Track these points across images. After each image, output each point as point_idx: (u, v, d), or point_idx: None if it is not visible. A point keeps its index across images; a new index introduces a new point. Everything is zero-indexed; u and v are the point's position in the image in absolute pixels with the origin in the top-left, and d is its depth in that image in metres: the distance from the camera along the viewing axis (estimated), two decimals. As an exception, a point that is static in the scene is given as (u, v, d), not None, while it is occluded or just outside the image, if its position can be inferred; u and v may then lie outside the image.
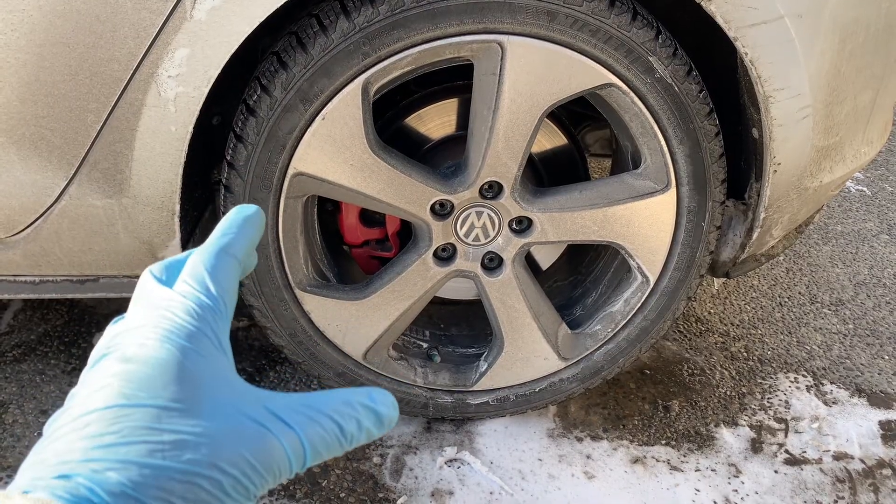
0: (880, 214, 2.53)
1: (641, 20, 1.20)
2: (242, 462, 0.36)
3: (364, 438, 0.40)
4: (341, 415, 0.39)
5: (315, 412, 0.39)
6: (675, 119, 1.27)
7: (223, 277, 0.41)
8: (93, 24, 1.07)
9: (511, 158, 1.28)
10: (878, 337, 1.94)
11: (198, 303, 0.39)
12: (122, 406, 0.36)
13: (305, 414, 0.38)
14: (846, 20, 1.23)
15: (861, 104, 1.35)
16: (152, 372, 0.37)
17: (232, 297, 0.41)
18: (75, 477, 0.34)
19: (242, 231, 0.44)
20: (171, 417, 0.36)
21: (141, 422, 0.36)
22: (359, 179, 1.25)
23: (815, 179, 1.38)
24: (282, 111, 1.18)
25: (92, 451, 0.35)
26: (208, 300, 0.39)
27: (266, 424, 0.37)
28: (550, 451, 1.54)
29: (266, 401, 0.38)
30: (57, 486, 0.34)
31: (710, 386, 1.75)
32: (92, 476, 0.34)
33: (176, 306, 0.39)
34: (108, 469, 0.34)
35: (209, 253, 0.41)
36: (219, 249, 0.42)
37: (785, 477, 1.52)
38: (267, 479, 0.37)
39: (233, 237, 0.43)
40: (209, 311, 0.39)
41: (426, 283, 1.38)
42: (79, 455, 0.35)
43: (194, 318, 0.38)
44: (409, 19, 1.13)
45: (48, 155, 1.17)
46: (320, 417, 0.39)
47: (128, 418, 0.36)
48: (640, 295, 1.47)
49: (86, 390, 0.37)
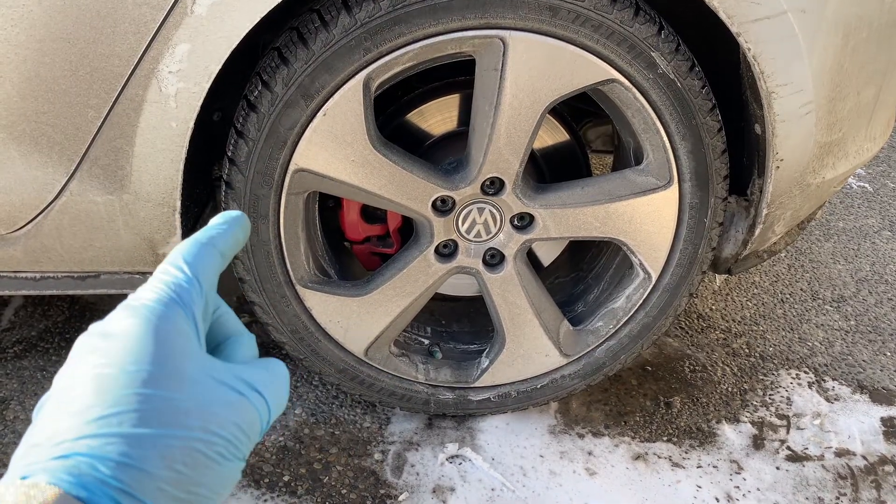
0: (882, 211, 2.52)
1: (644, 15, 1.19)
2: (231, 425, 0.38)
3: (287, 398, 0.45)
4: (284, 379, 0.45)
5: (272, 378, 0.43)
6: (677, 115, 1.27)
7: (200, 263, 0.43)
8: (93, 20, 1.07)
9: (513, 154, 1.27)
10: (880, 333, 1.94)
11: (172, 284, 0.41)
12: (101, 376, 0.36)
13: (267, 381, 0.43)
14: (849, 16, 1.22)
15: (864, 100, 1.35)
16: (130, 344, 0.37)
17: (209, 280, 0.43)
18: (73, 456, 0.33)
19: (227, 228, 0.46)
20: (156, 385, 0.36)
21: (126, 389, 0.36)
22: (360, 176, 1.25)
23: (818, 175, 1.38)
24: (283, 107, 1.17)
25: (84, 427, 0.34)
26: (184, 282, 0.41)
27: (243, 392, 0.40)
28: (552, 448, 1.54)
29: (238, 371, 0.41)
30: (56, 467, 0.33)
31: (712, 382, 1.75)
32: (90, 452, 0.33)
33: (151, 287, 0.41)
34: (105, 443, 0.34)
35: (189, 242, 0.44)
36: (198, 239, 0.44)
37: (787, 473, 1.52)
38: (250, 441, 0.40)
39: (216, 232, 0.45)
40: (184, 291, 0.41)
41: (428, 279, 1.38)
42: (72, 433, 0.34)
43: (169, 297, 0.40)
44: (410, 14, 1.13)
45: (49, 151, 1.16)
46: (276, 382, 0.43)
47: (112, 388, 0.35)
48: (642, 291, 1.46)
49: (67, 369, 0.37)
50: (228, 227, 0.46)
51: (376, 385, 1.49)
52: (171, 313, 0.39)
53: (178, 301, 0.40)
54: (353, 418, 1.58)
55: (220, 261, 0.44)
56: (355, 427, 1.56)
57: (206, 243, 0.44)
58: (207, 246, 0.44)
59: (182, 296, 0.40)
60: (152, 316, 0.39)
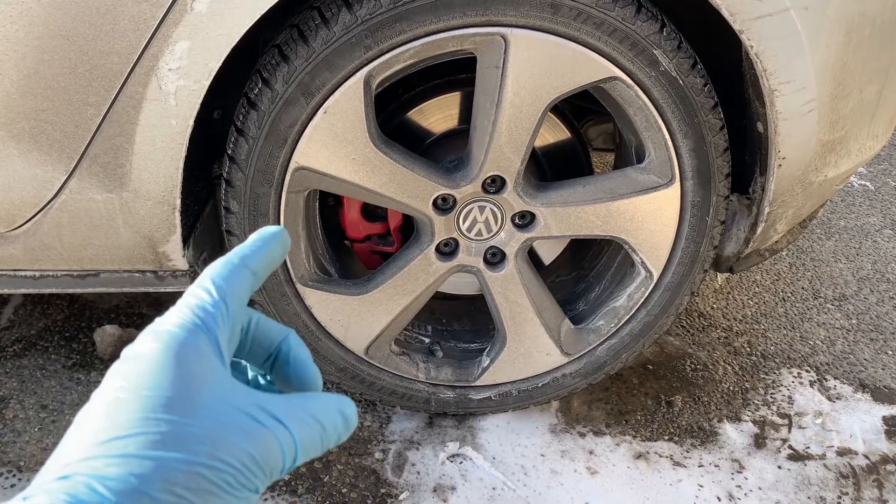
0: (883, 210, 2.52)
1: (646, 13, 1.19)
2: (243, 454, 0.37)
3: (335, 441, 0.43)
4: (324, 417, 0.42)
5: (304, 413, 0.41)
6: (679, 113, 1.26)
7: (229, 284, 0.42)
8: (92, 17, 1.07)
9: (514, 152, 1.27)
10: (882, 332, 1.93)
11: (197, 307, 0.40)
12: (117, 400, 0.36)
13: (297, 415, 0.40)
14: (852, 13, 1.21)
15: (866, 98, 1.34)
16: (149, 369, 0.37)
17: (237, 300, 0.42)
18: (74, 476, 0.33)
19: (262, 245, 0.45)
20: (169, 410, 0.36)
21: (138, 413, 0.35)
22: (361, 174, 1.24)
23: (820, 174, 1.37)
24: (283, 105, 1.17)
25: (91, 449, 0.34)
26: (210, 306, 0.41)
27: (263, 421, 0.39)
28: (553, 447, 1.54)
29: (260, 400, 0.40)
30: (56, 488, 0.33)
31: (713, 381, 1.74)
32: (91, 473, 0.34)
33: (177, 310, 0.40)
34: (108, 465, 0.34)
35: (220, 263, 0.43)
36: (231, 260, 0.43)
37: (788, 472, 1.52)
38: (265, 474, 0.38)
39: (249, 251, 0.44)
40: (209, 315, 0.40)
41: (428, 277, 1.38)
42: (78, 454, 0.34)
43: (192, 322, 0.40)
44: (411, 12, 1.12)
45: (48, 149, 1.16)
46: (308, 418, 0.41)
47: (124, 412, 0.35)
48: (644, 290, 1.46)
49: (94, 394, 0.38)
50: (263, 245, 0.45)
51: (377, 384, 1.48)
52: (194, 339, 0.39)
53: (201, 326, 0.40)
54: (353, 417, 1.58)
55: (251, 280, 0.44)
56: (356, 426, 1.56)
57: (238, 264, 0.43)
58: (239, 266, 0.43)
59: (206, 320, 0.40)
60: (173, 342, 0.38)
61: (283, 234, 0.46)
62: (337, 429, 0.42)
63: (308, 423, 0.41)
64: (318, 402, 0.42)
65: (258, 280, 0.44)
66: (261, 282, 0.44)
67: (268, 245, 0.45)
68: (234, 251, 0.44)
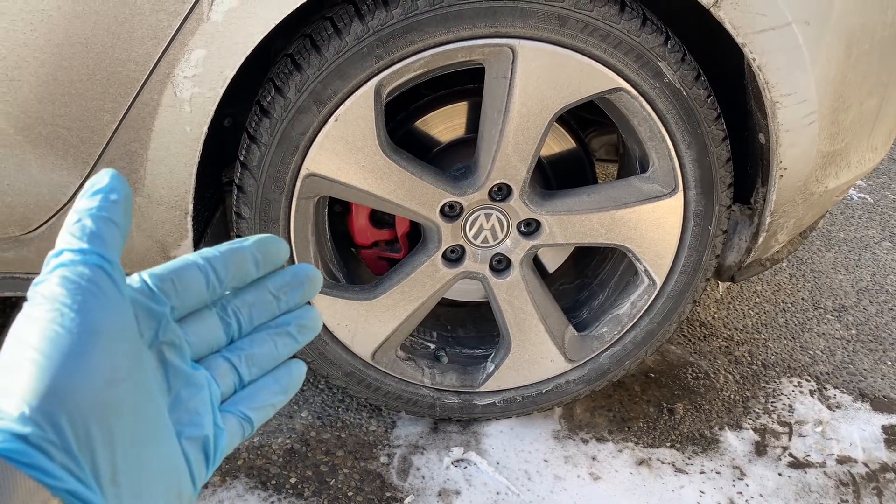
0: (882, 222, 2.54)
1: (651, 25, 1.21)
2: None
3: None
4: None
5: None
6: (683, 123, 1.29)
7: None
8: (111, 25, 1.09)
9: (520, 161, 1.29)
10: (881, 343, 1.95)
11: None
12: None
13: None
14: (852, 27, 1.24)
15: (866, 111, 1.37)
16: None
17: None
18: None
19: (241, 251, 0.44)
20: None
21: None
22: (370, 181, 1.26)
23: (821, 185, 1.40)
24: (295, 112, 1.19)
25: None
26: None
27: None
28: (556, 453, 1.55)
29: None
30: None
31: (715, 389, 1.76)
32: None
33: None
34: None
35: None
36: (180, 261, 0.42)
37: (789, 480, 1.53)
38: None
39: (216, 252, 0.43)
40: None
41: (435, 284, 1.40)
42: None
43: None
44: (422, 23, 1.15)
45: (64, 154, 1.18)
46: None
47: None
48: (647, 298, 1.48)
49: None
50: (232, 253, 0.44)
51: (382, 389, 1.50)
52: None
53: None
54: (359, 422, 1.59)
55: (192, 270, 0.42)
56: (361, 430, 1.57)
57: (189, 259, 0.42)
58: (188, 262, 0.42)
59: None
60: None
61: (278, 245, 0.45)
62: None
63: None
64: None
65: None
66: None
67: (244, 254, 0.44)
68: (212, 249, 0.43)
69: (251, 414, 0.44)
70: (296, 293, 0.46)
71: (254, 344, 0.45)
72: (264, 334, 0.46)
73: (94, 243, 0.37)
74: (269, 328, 0.46)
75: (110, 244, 0.38)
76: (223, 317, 0.44)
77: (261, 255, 0.44)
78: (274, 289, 0.45)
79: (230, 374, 0.44)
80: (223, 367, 0.44)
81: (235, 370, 0.44)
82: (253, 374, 0.45)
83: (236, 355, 0.44)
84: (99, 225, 0.38)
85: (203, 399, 0.41)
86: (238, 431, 0.44)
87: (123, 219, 0.39)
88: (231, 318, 0.44)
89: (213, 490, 1.42)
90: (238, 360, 0.44)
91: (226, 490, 1.42)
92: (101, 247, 0.37)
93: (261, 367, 0.45)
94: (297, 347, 0.47)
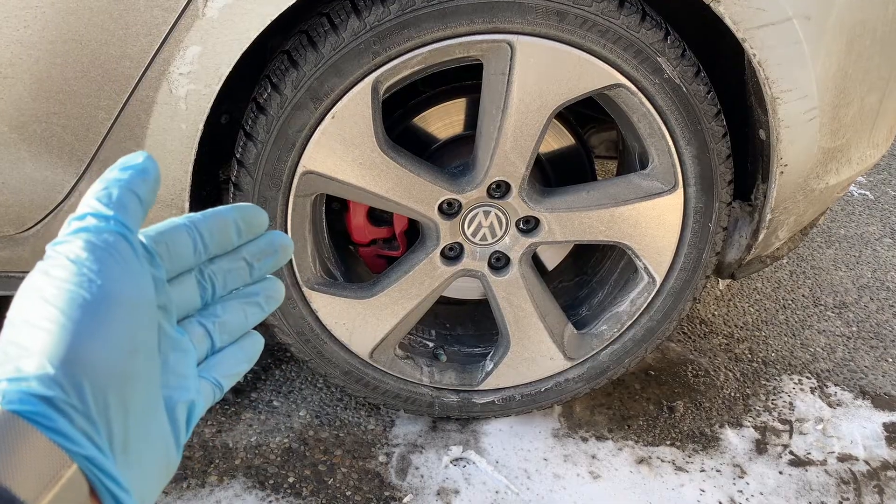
0: (883, 218, 2.53)
1: (650, 21, 1.20)
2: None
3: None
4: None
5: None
6: (682, 120, 1.28)
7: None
8: (105, 22, 1.08)
9: (519, 158, 1.28)
10: (882, 340, 1.94)
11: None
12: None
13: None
14: (853, 23, 1.23)
15: (867, 107, 1.36)
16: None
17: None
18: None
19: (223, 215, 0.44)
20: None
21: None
22: (367, 178, 1.26)
23: (822, 181, 1.39)
24: (292, 109, 1.18)
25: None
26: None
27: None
28: (556, 451, 1.55)
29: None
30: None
31: (715, 387, 1.75)
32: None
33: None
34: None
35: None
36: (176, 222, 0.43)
37: (790, 478, 1.53)
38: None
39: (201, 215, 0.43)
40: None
41: (433, 282, 1.39)
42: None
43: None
44: (419, 19, 1.14)
45: (59, 152, 1.17)
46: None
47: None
48: (647, 295, 1.47)
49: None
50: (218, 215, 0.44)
51: (381, 387, 1.49)
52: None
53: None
54: (357, 420, 1.59)
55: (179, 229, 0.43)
56: (360, 429, 1.57)
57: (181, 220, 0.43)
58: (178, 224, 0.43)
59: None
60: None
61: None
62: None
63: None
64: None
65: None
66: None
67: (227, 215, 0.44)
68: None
69: (222, 381, 0.45)
70: (269, 260, 0.47)
71: (226, 311, 0.46)
72: (235, 303, 0.46)
73: (119, 211, 0.38)
74: (240, 297, 0.47)
75: (133, 216, 0.38)
76: (200, 281, 0.44)
77: (244, 224, 0.45)
78: (249, 256, 0.46)
79: (205, 340, 0.45)
80: (199, 332, 0.44)
81: (210, 337, 0.45)
82: (223, 341, 0.46)
83: (211, 322, 0.45)
84: (125, 196, 0.38)
85: (189, 364, 0.42)
86: (210, 397, 0.44)
87: (148, 197, 0.40)
88: (207, 283, 0.45)
89: (210, 490, 1.41)
90: (212, 327, 0.45)
91: (223, 490, 1.41)
92: (125, 216, 0.38)
93: (230, 334, 0.46)
94: (263, 317, 0.48)
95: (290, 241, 0.48)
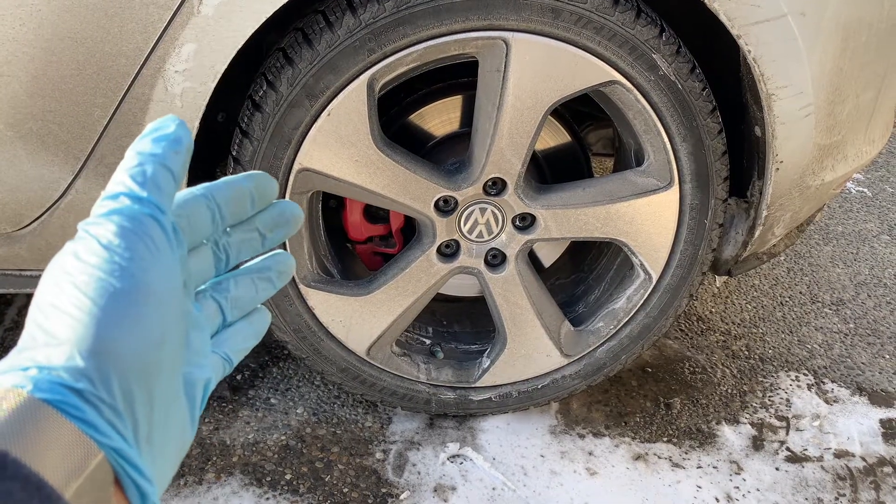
0: (881, 215, 2.53)
1: (645, 18, 1.20)
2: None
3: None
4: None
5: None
6: (678, 116, 1.28)
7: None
8: (101, 19, 1.08)
9: (515, 155, 1.28)
10: (879, 336, 1.94)
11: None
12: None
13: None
14: (849, 19, 1.23)
15: (863, 103, 1.36)
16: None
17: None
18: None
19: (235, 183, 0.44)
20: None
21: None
22: (363, 175, 1.26)
23: (818, 178, 1.39)
24: (287, 107, 1.18)
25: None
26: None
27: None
28: (552, 448, 1.55)
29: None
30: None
31: (712, 384, 1.75)
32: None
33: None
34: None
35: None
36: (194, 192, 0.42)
37: (786, 474, 1.53)
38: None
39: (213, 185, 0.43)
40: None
41: (430, 279, 1.39)
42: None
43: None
44: (415, 16, 1.14)
45: (55, 149, 1.17)
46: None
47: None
48: (643, 292, 1.47)
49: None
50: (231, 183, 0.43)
51: (378, 384, 1.50)
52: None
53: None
54: (354, 418, 1.59)
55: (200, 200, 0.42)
56: (357, 426, 1.57)
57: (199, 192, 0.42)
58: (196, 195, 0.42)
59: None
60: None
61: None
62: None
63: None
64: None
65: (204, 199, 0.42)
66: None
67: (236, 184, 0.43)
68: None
69: (232, 356, 0.44)
70: (280, 231, 0.46)
71: (238, 287, 0.45)
72: (247, 278, 0.46)
73: (153, 192, 0.36)
74: (252, 272, 0.46)
75: (166, 196, 0.37)
76: (216, 252, 0.44)
77: (258, 193, 0.44)
78: (262, 227, 0.45)
79: (217, 315, 0.44)
80: (212, 308, 0.44)
81: (222, 312, 0.44)
82: (234, 315, 0.45)
83: (223, 297, 0.44)
84: (159, 174, 0.37)
85: (205, 340, 0.42)
86: (220, 372, 0.44)
87: (181, 171, 0.38)
88: (222, 254, 0.44)
89: (207, 487, 1.41)
90: (225, 302, 0.44)
91: (220, 487, 1.41)
92: (159, 197, 0.37)
93: (241, 309, 0.46)
94: (273, 292, 0.47)
95: (301, 212, 0.47)
